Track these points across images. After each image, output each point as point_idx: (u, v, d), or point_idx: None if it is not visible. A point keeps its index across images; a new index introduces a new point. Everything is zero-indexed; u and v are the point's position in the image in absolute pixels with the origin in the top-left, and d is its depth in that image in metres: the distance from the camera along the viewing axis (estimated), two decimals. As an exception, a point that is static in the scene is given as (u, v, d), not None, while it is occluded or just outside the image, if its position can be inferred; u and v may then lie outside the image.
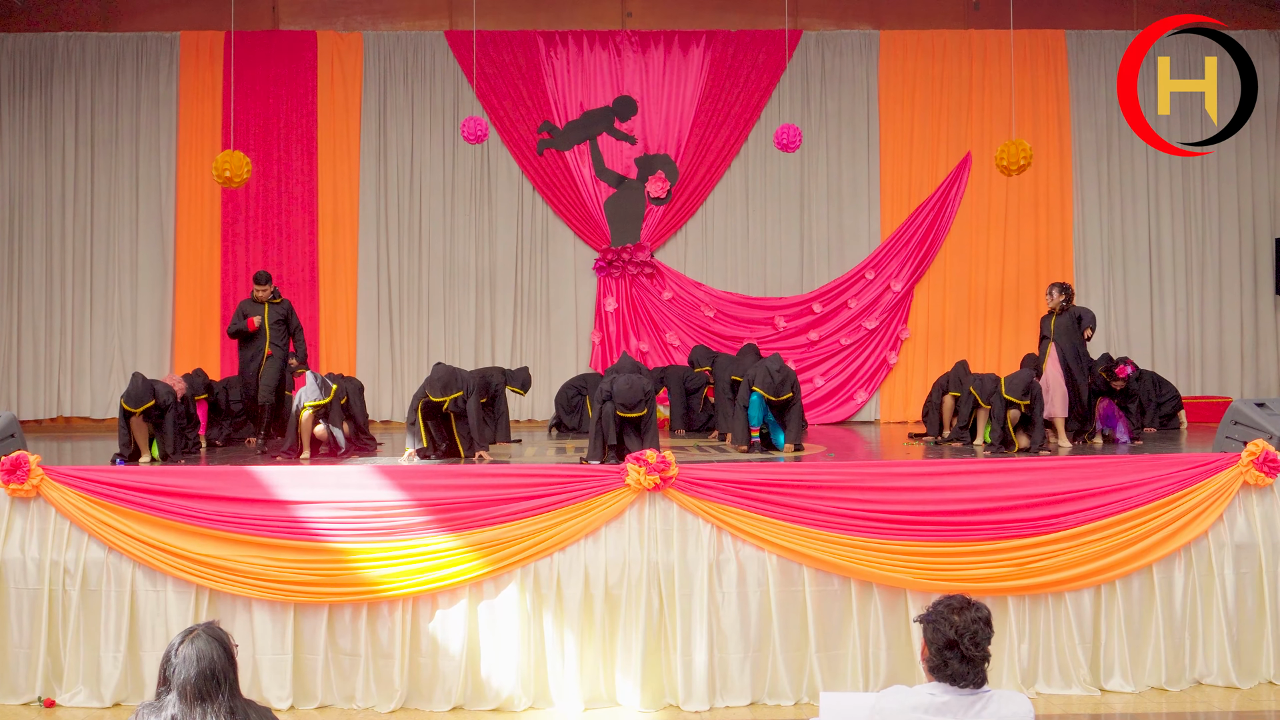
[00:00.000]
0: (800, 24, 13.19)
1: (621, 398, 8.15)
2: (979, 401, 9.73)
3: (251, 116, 12.76)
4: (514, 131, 13.03)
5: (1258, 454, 6.94)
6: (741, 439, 9.32)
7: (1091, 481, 6.91)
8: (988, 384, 9.61)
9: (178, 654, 3.26)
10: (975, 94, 13.20)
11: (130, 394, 8.42)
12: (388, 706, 6.58)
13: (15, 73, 12.94)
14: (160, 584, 6.66)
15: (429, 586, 6.59)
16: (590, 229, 13.09)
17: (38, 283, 12.90)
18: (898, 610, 6.68)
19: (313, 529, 6.63)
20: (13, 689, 6.67)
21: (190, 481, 6.85)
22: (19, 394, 12.81)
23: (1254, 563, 6.92)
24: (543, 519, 6.66)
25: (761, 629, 6.68)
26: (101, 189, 12.95)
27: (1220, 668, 6.85)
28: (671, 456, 6.74)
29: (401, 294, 13.08)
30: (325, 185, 13.00)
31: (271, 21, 13.05)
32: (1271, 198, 13.43)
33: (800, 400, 9.46)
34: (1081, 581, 6.75)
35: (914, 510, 6.78)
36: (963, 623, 3.52)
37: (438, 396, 8.43)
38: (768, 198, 13.21)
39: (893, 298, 13.13)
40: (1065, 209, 13.25)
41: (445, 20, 13.11)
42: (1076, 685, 6.74)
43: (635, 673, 6.59)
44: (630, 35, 13.16)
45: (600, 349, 13.01)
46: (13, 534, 6.72)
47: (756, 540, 6.67)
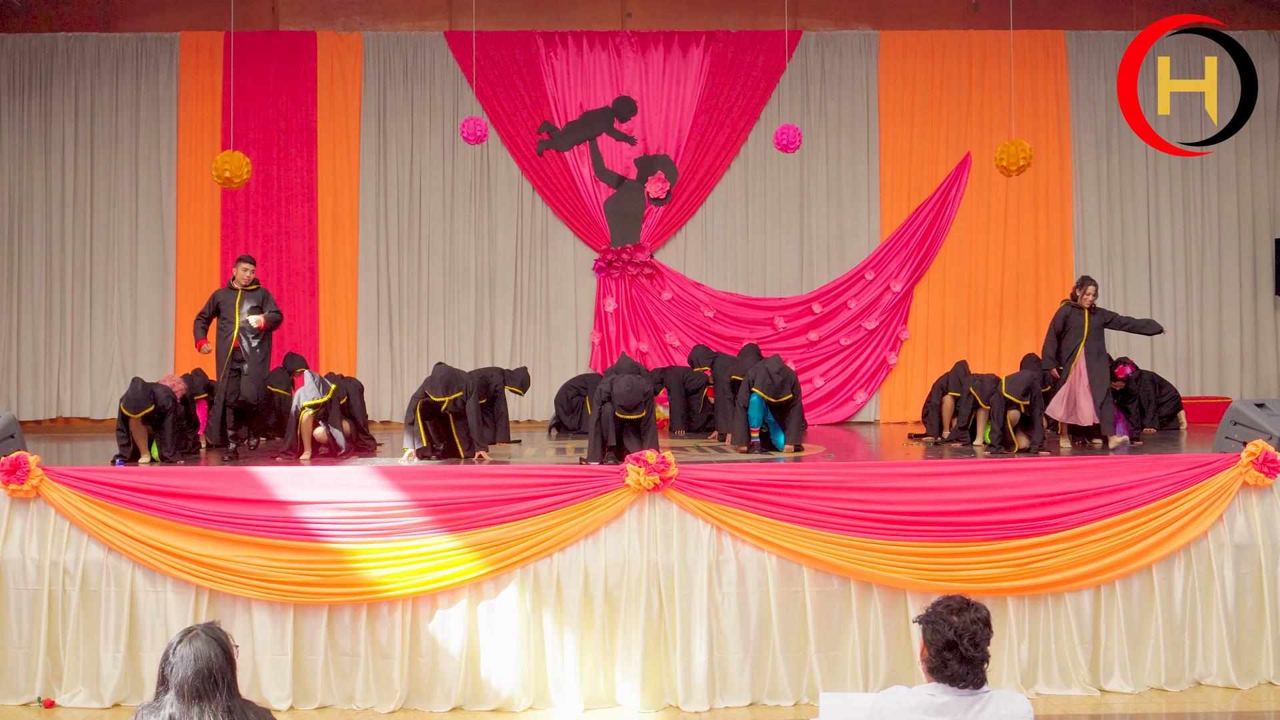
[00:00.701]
0: (800, 24, 13.19)
1: (621, 399, 8.15)
2: (979, 402, 9.73)
3: (251, 117, 12.76)
4: (514, 132, 13.03)
5: (1257, 454, 6.94)
6: (741, 439, 9.32)
7: (1091, 482, 6.90)
8: (988, 384, 9.61)
9: (176, 654, 3.25)
10: (975, 94, 13.20)
11: (129, 399, 8.42)
12: (387, 707, 6.58)
13: (15, 73, 12.94)
14: (160, 584, 6.66)
15: (429, 587, 6.58)
16: (590, 229, 13.09)
17: (38, 283, 12.90)
18: (897, 610, 6.68)
19: (312, 529, 6.62)
20: (12, 689, 6.66)
21: (190, 482, 6.85)
22: (19, 394, 12.81)
23: (1254, 563, 6.92)
24: (542, 519, 6.66)
25: (761, 629, 6.67)
26: (101, 189, 12.95)
27: (1220, 668, 6.84)
28: (671, 457, 6.74)
29: (401, 294, 13.08)
30: (325, 185, 13.00)
31: (271, 22, 13.05)
32: (1271, 198, 13.43)
33: (800, 401, 9.46)
34: (1081, 582, 6.75)
35: (914, 510, 6.77)
36: (962, 624, 3.51)
37: (439, 397, 8.43)
38: (767, 198, 13.21)
39: (892, 298, 13.13)
40: (1065, 209, 13.25)
41: (445, 21, 13.11)
42: (1076, 686, 6.74)
43: (635, 673, 6.59)
44: (630, 36, 13.16)
45: (600, 349, 13.01)
46: (12, 534, 6.72)
47: (756, 540, 6.67)
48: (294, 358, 11.20)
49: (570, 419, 11.49)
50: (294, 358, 11.20)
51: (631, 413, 8.15)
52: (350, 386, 9.73)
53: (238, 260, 9.61)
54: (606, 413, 8.20)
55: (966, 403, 9.95)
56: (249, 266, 9.52)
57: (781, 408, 9.30)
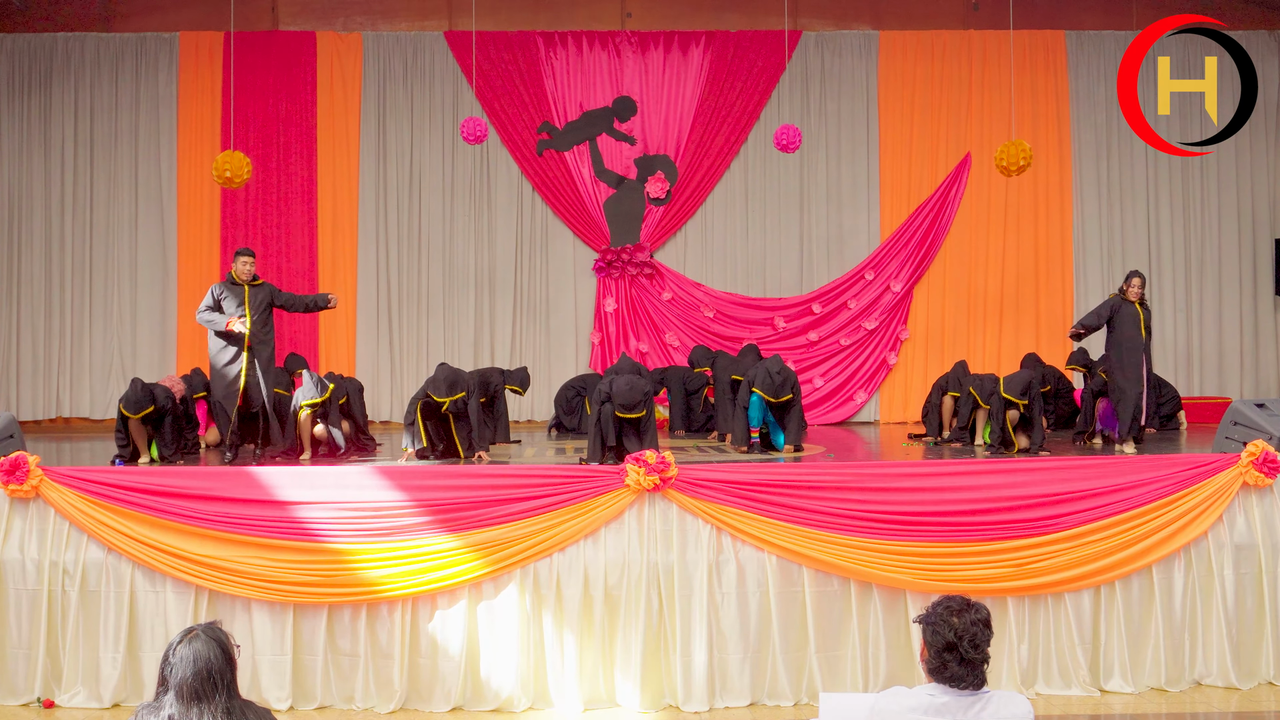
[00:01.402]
0: (800, 24, 13.19)
1: (621, 399, 8.15)
2: (979, 402, 9.72)
3: (251, 117, 12.76)
4: (513, 132, 13.03)
5: (1257, 454, 6.93)
6: (741, 440, 9.31)
7: (1091, 482, 6.90)
8: (987, 384, 9.61)
9: (175, 654, 3.25)
10: (975, 94, 13.20)
11: (129, 399, 8.42)
12: (387, 707, 6.57)
13: (15, 73, 12.94)
14: (159, 584, 6.65)
15: (429, 587, 6.58)
16: (590, 229, 13.09)
17: (37, 283, 12.90)
18: (897, 611, 6.67)
19: (312, 529, 6.62)
20: (12, 690, 6.66)
21: (189, 482, 6.85)
22: (18, 394, 12.81)
23: (1254, 563, 6.91)
24: (542, 519, 6.66)
25: (761, 629, 6.67)
26: (101, 189, 12.95)
27: (1220, 668, 6.84)
28: (671, 457, 6.74)
29: (401, 294, 13.08)
30: (325, 185, 13.00)
31: (271, 22, 13.05)
32: (1271, 198, 13.43)
33: (800, 401, 9.46)
34: (1081, 582, 6.75)
35: (914, 510, 6.77)
36: (962, 625, 3.51)
37: (441, 397, 8.43)
38: (767, 198, 13.21)
39: (892, 298, 13.12)
40: (1065, 209, 13.25)
41: (445, 21, 13.11)
42: (1076, 686, 6.73)
43: (635, 673, 6.59)
44: (630, 36, 13.15)
45: (600, 349, 13.01)
46: (12, 535, 6.71)
47: (756, 541, 6.66)
48: (295, 358, 11.19)
49: (570, 419, 11.49)
50: (295, 358, 11.19)
51: (631, 412, 8.16)
52: (350, 386, 9.73)
53: (237, 254, 9.09)
54: (606, 413, 8.20)
55: (966, 402, 9.95)
56: (250, 260, 9.03)
57: (781, 408, 9.29)
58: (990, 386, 9.44)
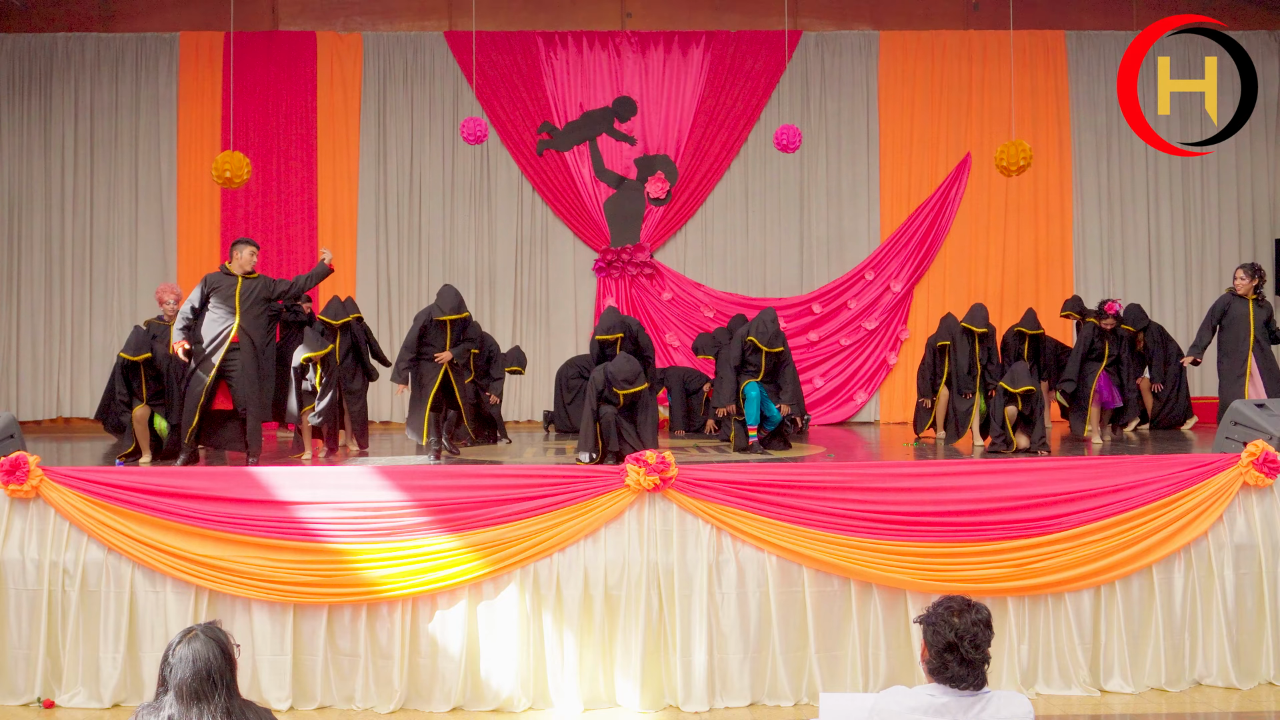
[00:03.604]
0: (800, 24, 13.19)
1: (621, 374, 8.22)
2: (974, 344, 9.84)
3: (251, 117, 12.76)
4: (513, 132, 13.03)
5: (1257, 454, 6.93)
6: (729, 400, 9.34)
7: (1091, 482, 6.89)
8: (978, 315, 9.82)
9: (175, 654, 3.24)
10: (975, 95, 13.20)
11: (130, 343, 8.49)
12: (387, 707, 6.57)
13: (15, 73, 12.94)
14: (160, 585, 6.65)
15: (429, 587, 6.57)
16: (590, 229, 13.09)
17: (37, 283, 12.90)
18: (897, 611, 6.67)
19: (312, 529, 6.61)
20: (12, 690, 6.65)
21: (189, 482, 6.84)
22: (18, 394, 12.82)
23: (1254, 563, 6.91)
24: (542, 519, 6.65)
25: (761, 630, 6.67)
26: (101, 189, 12.95)
27: (1220, 668, 6.83)
28: (671, 457, 6.74)
29: (401, 294, 13.08)
30: (325, 185, 13.00)
31: (271, 22, 13.05)
32: (1271, 198, 13.43)
33: (792, 361, 9.49)
34: (1081, 582, 6.74)
35: (914, 510, 6.77)
36: (963, 625, 3.51)
37: (446, 315, 8.65)
38: (767, 198, 13.21)
39: (892, 298, 13.13)
40: (1065, 209, 13.26)
41: (445, 21, 13.11)
42: (1076, 686, 6.73)
43: (635, 673, 6.58)
44: (630, 36, 13.15)
45: (600, 349, 12.99)
46: (12, 535, 6.70)
47: (756, 541, 6.66)
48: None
49: (568, 396, 11.37)
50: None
51: (631, 386, 8.20)
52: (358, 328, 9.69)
53: (237, 243, 8.47)
54: (607, 414, 8.21)
55: (964, 346, 9.99)
56: (254, 250, 8.43)
57: (773, 370, 9.31)
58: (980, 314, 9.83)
